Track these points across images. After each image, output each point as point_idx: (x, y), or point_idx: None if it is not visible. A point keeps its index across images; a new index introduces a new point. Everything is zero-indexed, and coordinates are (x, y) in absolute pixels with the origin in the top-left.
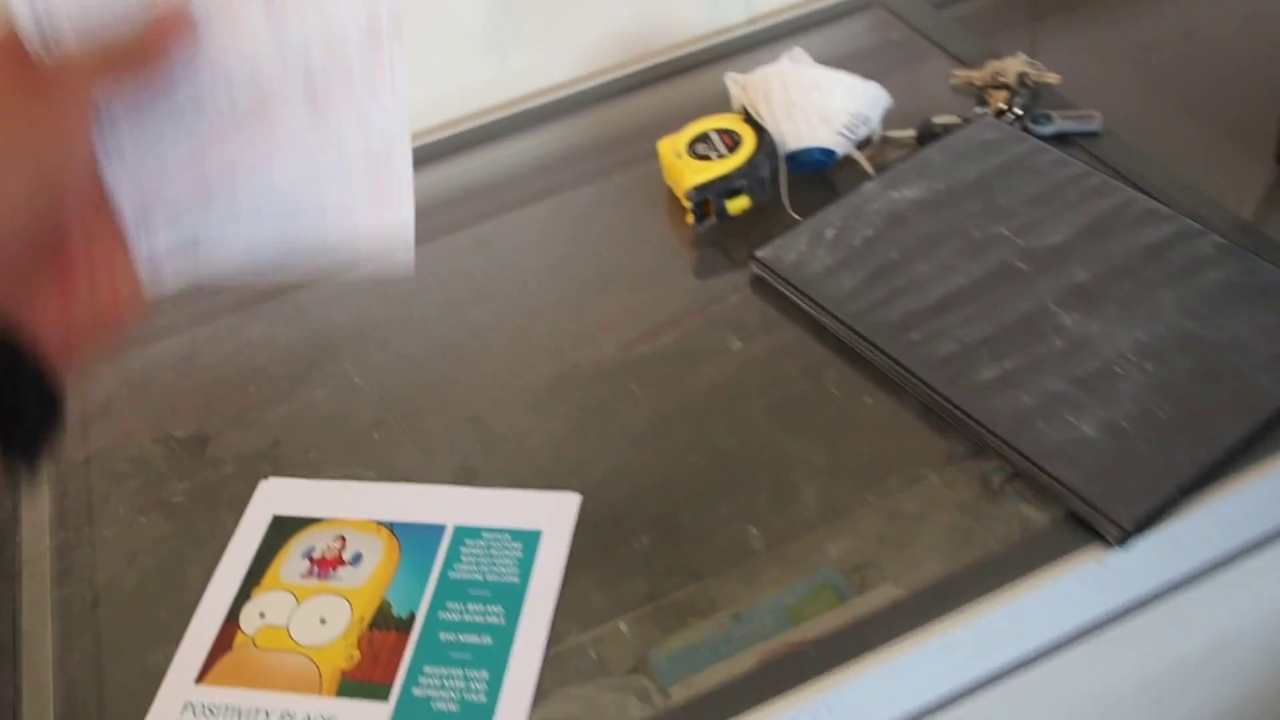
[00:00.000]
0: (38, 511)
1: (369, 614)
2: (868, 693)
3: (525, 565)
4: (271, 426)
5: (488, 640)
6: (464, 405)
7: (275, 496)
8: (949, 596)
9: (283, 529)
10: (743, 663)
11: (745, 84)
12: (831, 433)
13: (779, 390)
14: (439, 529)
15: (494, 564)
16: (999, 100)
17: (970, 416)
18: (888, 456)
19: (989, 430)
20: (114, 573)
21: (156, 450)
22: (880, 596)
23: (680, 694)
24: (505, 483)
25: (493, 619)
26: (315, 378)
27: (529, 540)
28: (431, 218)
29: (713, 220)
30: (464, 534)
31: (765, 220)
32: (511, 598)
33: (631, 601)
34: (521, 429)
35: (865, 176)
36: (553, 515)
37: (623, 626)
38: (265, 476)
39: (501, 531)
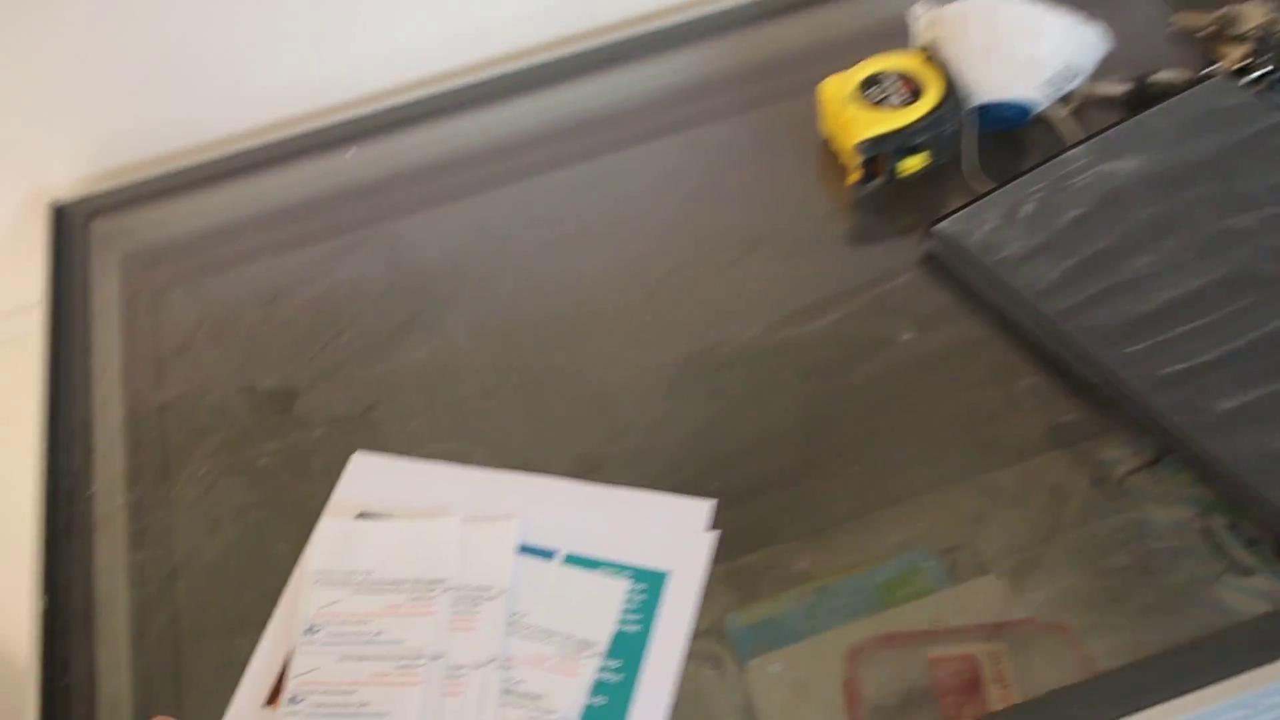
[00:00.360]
0: (111, 462)
1: None
2: None
3: (649, 612)
4: (368, 386)
5: (603, 701)
6: (586, 381)
7: (364, 479)
8: None
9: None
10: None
11: (936, 19)
12: (1021, 452)
13: (958, 399)
14: (548, 555)
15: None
16: (1235, 57)
17: (1206, 454)
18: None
19: (1234, 476)
20: (194, 542)
21: (240, 403)
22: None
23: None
24: (630, 479)
25: (608, 675)
26: (416, 333)
27: (654, 584)
28: (536, 150)
29: (880, 181)
30: (576, 563)
31: (941, 185)
32: (631, 650)
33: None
34: (652, 417)
35: (1063, 141)
36: (683, 543)
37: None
38: (358, 448)
39: (622, 568)
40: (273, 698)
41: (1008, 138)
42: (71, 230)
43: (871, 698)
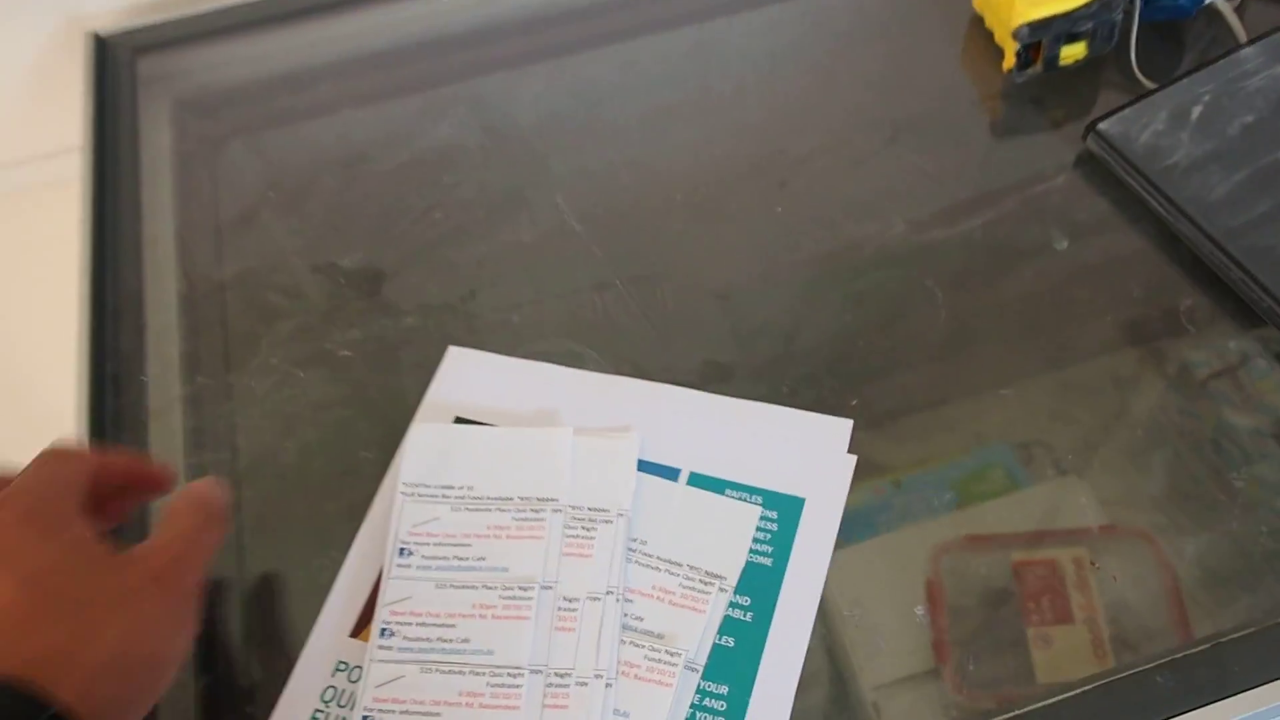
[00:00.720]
0: (165, 345)
1: None
2: None
3: (782, 542)
4: (466, 271)
5: (730, 642)
6: (709, 279)
7: (461, 377)
8: None
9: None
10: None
11: None
12: (1192, 396)
13: (1117, 315)
14: (672, 473)
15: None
16: None
17: None
18: None
19: None
20: (264, 444)
21: (317, 283)
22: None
23: None
24: (761, 393)
25: (737, 613)
26: (519, 211)
27: (788, 508)
28: (636, 8)
29: (1037, 70)
30: (703, 484)
31: (1099, 78)
32: (763, 586)
33: None
34: (785, 322)
35: (1234, 37)
36: (822, 467)
37: None
38: (454, 342)
39: (754, 491)
40: (360, 629)
41: (1170, 30)
42: (117, 67)
43: (953, 599)
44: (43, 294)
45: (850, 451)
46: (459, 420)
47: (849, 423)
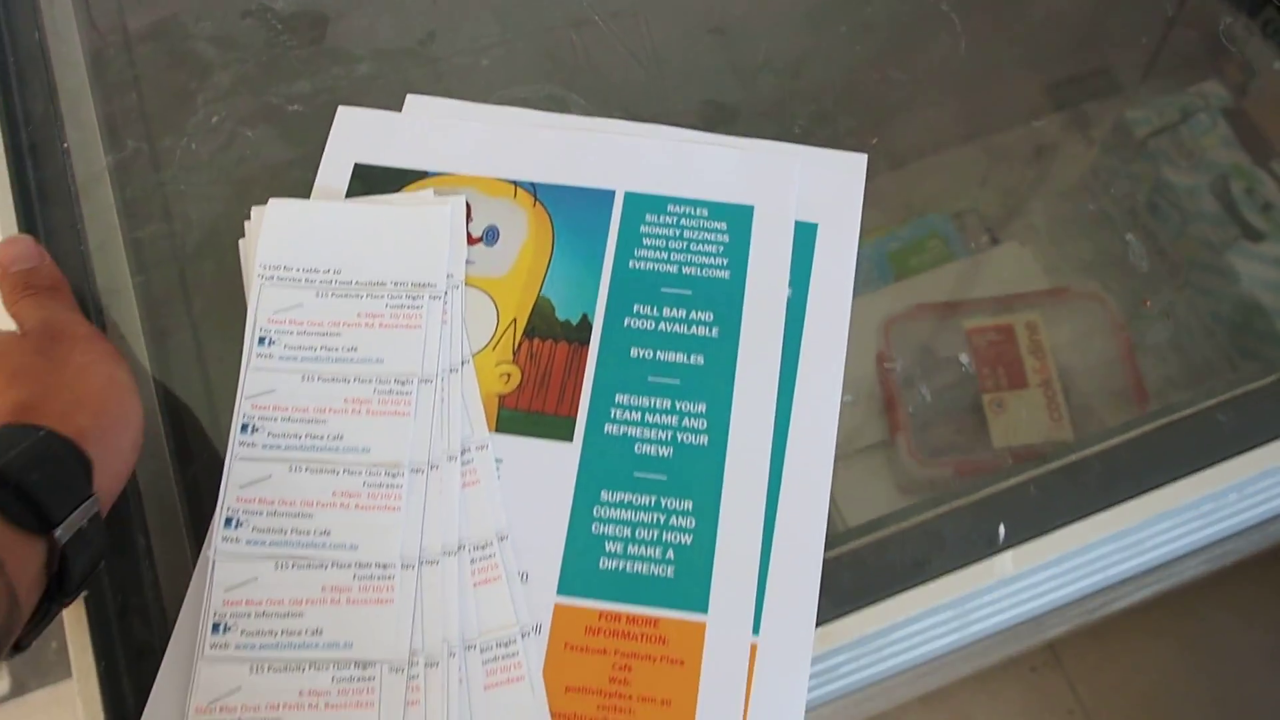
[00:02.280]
0: (80, 108)
1: (523, 316)
2: None
3: (737, 253)
4: (419, 11)
5: (699, 360)
6: (702, 9)
7: (360, 125)
8: None
9: (370, 184)
10: None
11: None
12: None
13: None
14: (606, 196)
15: (690, 250)
16: None
17: None
18: None
19: None
20: (219, 211)
21: (251, 30)
22: None
23: None
24: (773, 132)
25: (700, 329)
26: None
27: (737, 219)
28: None
29: None
30: (642, 205)
31: None
32: (724, 300)
33: None
34: (789, 55)
35: None
36: (836, 197)
37: None
38: (417, 89)
39: (696, 204)
40: None
41: None
42: None
43: (906, 370)
44: None
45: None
46: (360, 167)
47: (863, 158)
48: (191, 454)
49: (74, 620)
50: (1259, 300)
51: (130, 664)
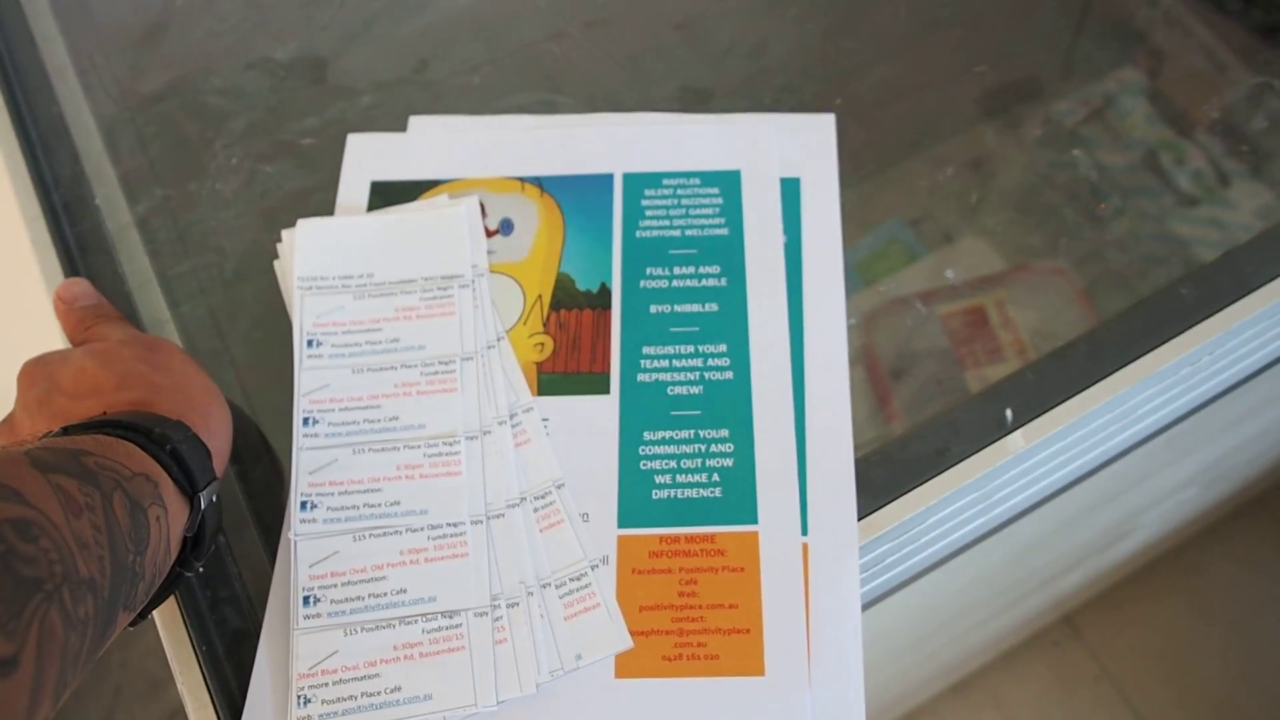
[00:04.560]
0: (102, 168)
1: (547, 292)
2: None
3: (732, 212)
4: (411, 44)
5: (714, 307)
6: (666, 8)
7: (370, 149)
8: None
9: (388, 197)
10: None
11: None
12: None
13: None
14: (605, 179)
15: (689, 216)
16: None
17: None
18: None
19: None
20: (250, 239)
21: (256, 79)
22: None
23: None
24: (747, 106)
25: (710, 281)
26: None
27: (727, 183)
28: None
29: None
30: (640, 183)
31: None
32: (727, 253)
33: None
34: (751, 38)
35: None
36: (810, 154)
37: None
38: (420, 111)
39: (688, 175)
40: None
41: None
42: None
43: (890, 360)
44: None
45: None
46: (376, 185)
47: (831, 118)
48: (245, 459)
49: (168, 619)
50: (1204, 258)
51: (228, 649)
